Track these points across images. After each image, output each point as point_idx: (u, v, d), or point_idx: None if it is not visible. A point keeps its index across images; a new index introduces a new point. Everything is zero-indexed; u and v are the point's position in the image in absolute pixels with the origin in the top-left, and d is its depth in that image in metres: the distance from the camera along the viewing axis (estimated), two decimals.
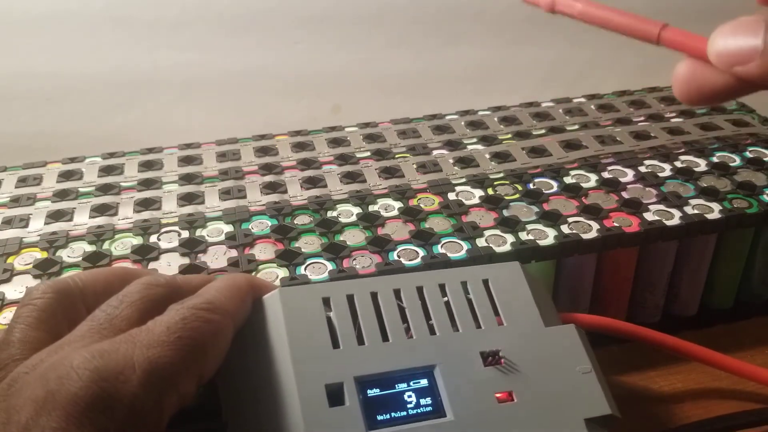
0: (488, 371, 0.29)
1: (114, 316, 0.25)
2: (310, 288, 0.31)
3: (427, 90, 0.63)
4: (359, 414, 0.27)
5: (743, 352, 0.42)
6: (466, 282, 0.32)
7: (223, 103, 0.61)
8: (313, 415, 0.26)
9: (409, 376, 0.28)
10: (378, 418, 0.27)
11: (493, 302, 0.31)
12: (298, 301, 0.30)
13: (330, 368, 0.28)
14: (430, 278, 0.32)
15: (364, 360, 0.28)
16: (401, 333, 0.30)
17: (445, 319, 0.30)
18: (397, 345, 0.29)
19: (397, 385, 0.28)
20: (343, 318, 0.30)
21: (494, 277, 0.32)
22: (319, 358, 0.28)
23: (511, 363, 0.29)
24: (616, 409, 0.29)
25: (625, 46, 0.65)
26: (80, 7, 0.55)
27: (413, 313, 0.30)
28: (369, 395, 0.27)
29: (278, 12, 0.59)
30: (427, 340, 0.30)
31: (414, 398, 0.28)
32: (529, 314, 0.31)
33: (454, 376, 0.29)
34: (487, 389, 0.28)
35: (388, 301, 0.31)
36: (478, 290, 0.32)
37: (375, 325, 0.30)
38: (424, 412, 0.28)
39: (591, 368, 0.30)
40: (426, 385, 0.28)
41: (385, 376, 0.28)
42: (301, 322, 0.29)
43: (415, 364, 0.29)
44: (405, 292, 0.31)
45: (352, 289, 0.31)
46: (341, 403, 0.27)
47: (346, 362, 0.28)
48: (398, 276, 0.32)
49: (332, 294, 0.30)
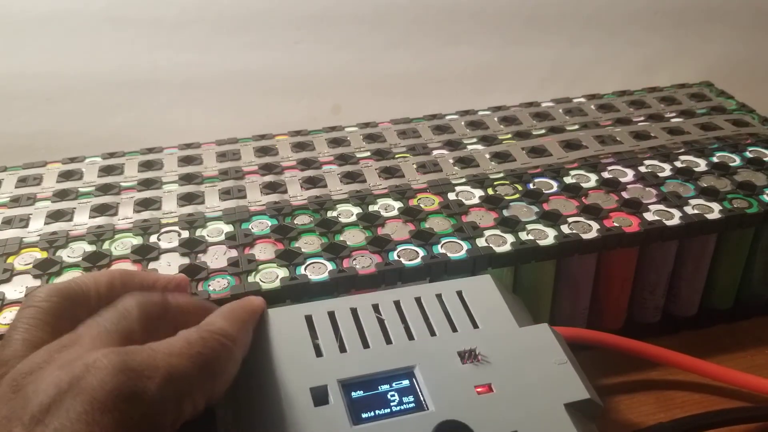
0: (466, 368, 0.30)
1: (118, 325, 0.26)
2: (294, 308, 0.33)
3: (427, 90, 0.63)
4: (344, 411, 0.28)
5: (743, 352, 0.42)
6: (441, 294, 0.34)
7: (223, 103, 0.61)
8: (297, 414, 0.28)
9: (391, 378, 0.30)
10: (363, 415, 0.28)
11: (467, 309, 0.33)
12: (282, 320, 0.32)
13: (314, 374, 0.30)
14: (406, 293, 0.34)
15: (347, 365, 0.30)
16: (381, 340, 0.31)
17: (422, 325, 0.32)
18: (377, 351, 0.31)
19: (380, 386, 0.30)
20: (326, 331, 0.32)
21: (467, 288, 0.34)
22: (303, 366, 0.30)
23: (488, 359, 0.31)
24: (596, 396, 0.30)
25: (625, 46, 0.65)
26: (80, 7, 0.55)
27: (392, 322, 0.32)
28: (353, 396, 0.29)
29: (278, 12, 0.59)
30: (406, 345, 0.31)
31: (397, 397, 0.29)
32: (502, 317, 0.33)
33: (433, 374, 0.30)
34: (467, 383, 0.30)
35: (367, 314, 0.33)
36: (453, 300, 0.34)
37: (356, 335, 0.32)
38: (407, 408, 0.29)
39: (567, 360, 0.31)
40: (407, 384, 0.30)
41: (367, 378, 0.30)
42: (285, 337, 0.31)
43: (396, 365, 0.30)
44: (383, 305, 0.33)
45: (333, 306, 0.33)
46: (326, 402, 0.29)
47: (330, 368, 0.30)
48: (376, 293, 0.34)
49: (314, 312, 0.33)
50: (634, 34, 0.65)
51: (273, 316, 0.32)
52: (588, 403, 0.30)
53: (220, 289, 0.35)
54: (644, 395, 0.39)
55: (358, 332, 0.32)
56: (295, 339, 0.31)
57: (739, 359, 0.41)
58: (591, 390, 0.30)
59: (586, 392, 0.30)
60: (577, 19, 0.64)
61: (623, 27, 0.65)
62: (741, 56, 0.68)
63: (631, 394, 0.39)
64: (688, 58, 0.67)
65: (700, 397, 0.39)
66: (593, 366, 0.35)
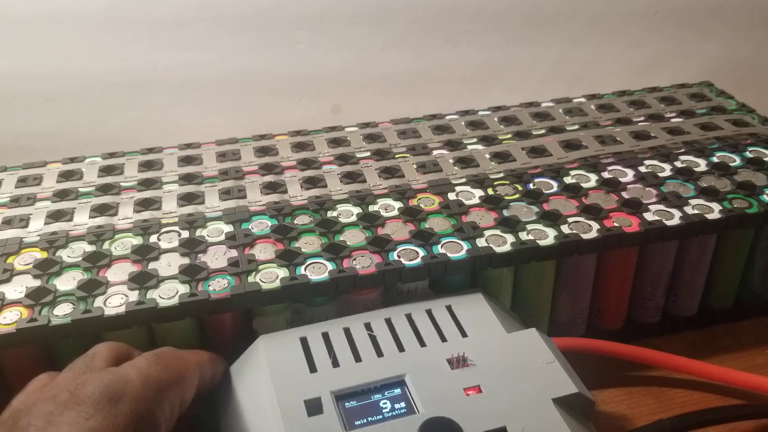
0: (456, 372, 0.31)
1: (91, 365, 0.29)
2: (289, 332, 0.34)
3: (427, 90, 0.63)
4: (337, 419, 0.29)
5: (743, 352, 0.42)
6: (430, 309, 0.35)
7: (223, 103, 0.61)
8: (292, 424, 0.29)
9: (383, 387, 0.31)
10: (356, 423, 0.29)
11: (456, 321, 0.34)
12: (277, 342, 0.33)
13: (308, 387, 0.31)
14: (397, 310, 0.35)
15: (340, 378, 0.31)
16: (372, 354, 0.33)
17: (412, 338, 0.33)
18: (369, 364, 0.32)
19: (373, 395, 0.30)
20: (319, 349, 0.33)
21: (456, 302, 0.36)
22: (298, 381, 0.31)
23: (477, 364, 0.32)
24: (586, 391, 0.31)
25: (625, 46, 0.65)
26: (80, 7, 0.55)
27: (383, 338, 0.33)
28: (347, 406, 0.30)
29: (278, 12, 0.59)
30: (397, 357, 0.32)
31: (389, 404, 0.30)
32: (491, 326, 0.34)
33: (423, 380, 0.31)
34: (456, 386, 0.31)
35: (359, 332, 0.34)
36: (442, 313, 0.35)
37: (348, 350, 0.33)
38: (399, 414, 0.30)
39: (554, 359, 0.32)
40: (399, 393, 0.31)
41: (359, 389, 0.31)
42: (280, 358, 0.32)
43: (387, 375, 0.31)
44: (374, 323, 0.34)
45: (327, 327, 0.34)
46: (319, 412, 0.29)
47: (323, 382, 0.31)
48: (367, 313, 0.35)
49: (308, 333, 0.34)
50: (634, 34, 0.65)
51: (268, 340, 0.34)
52: (578, 397, 0.30)
53: (220, 289, 0.35)
54: (644, 395, 0.39)
55: (351, 348, 0.33)
56: (289, 358, 0.32)
57: (739, 359, 0.41)
58: (580, 385, 0.31)
59: (574, 387, 0.30)
60: (577, 19, 0.64)
61: (623, 27, 0.65)
62: (741, 56, 0.68)
63: (630, 394, 0.39)
64: (688, 58, 0.67)
65: (699, 397, 0.39)
66: (592, 366, 0.35)
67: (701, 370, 0.38)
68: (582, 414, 0.30)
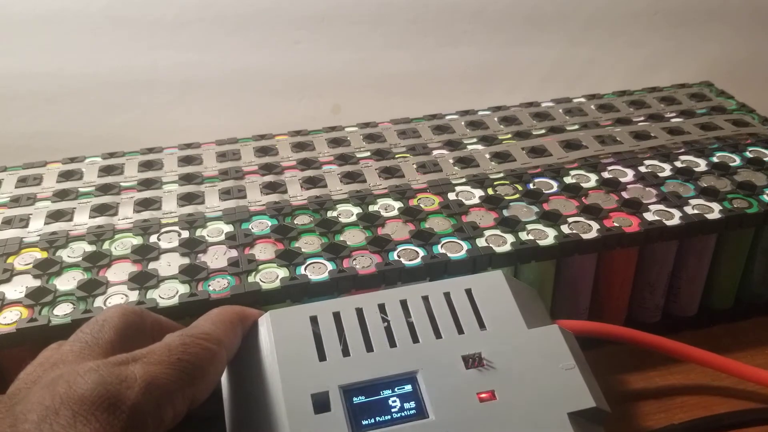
0: (470, 373, 0.30)
1: (99, 338, 0.27)
2: (299, 308, 0.32)
3: (427, 90, 0.63)
4: (344, 419, 0.28)
5: (743, 352, 0.42)
6: (449, 293, 0.33)
7: (223, 103, 0.61)
8: (298, 422, 0.28)
9: (393, 383, 0.30)
10: (363, 422, 0.28)
11: (476, 309, 0.33)
12: (286, 321, 0.32)
13: (316, 379, 0.29)
14: (413, 291, 0.33)
15: (349, 370, 0.30)
16: (385, 343, 0.31)
17: (427, 327, 0.32)
18: (380, 354, 0.31)
19: (382, 391, 0.29)
20: (330, 333, 0.31)
21: (477, 286, 0.34)
22: (305, 371, 0.30)
23: (493, 364, 0.30)
24: (604, 403, 0.30)
25: (625, 46, 0.65)
26: (80, 7, 0.55)
27: (397, 324, 0.32)
28: (354, 402, 0.29)
29: (278, 12, 0.59)
30: (410, 348, 0.31)
31: (398, 403, 0.29)
32: (512, 318, 0.32)
33: (436, 379, 0.30)
34: (469, 390, 0.29)
35: (372, 315, 0.32)
36: (461, 299, 0.33)
37: (360, 337, 0.31)
38: (408, 415, 0.29)
39: (574, 364, 0.31)
40: (410, 390, 0.29)
41: (368, 384, 0.29)
42: (289, 340, 0.31)
43: (398, 371, 0.30)
44: (389, 305, 0.33)
45: (339, 306, 0.32)
46: (327, 410, 0.28)
47: (332, 373, 0.30)
48: (383, 292, 0.34)
49: (319, 312, 0.32)
50: (634, 34, 0.65)
51: (277, 317, 0.32)
52: (594, 410, 0.29)
53: (220, 289, 0.35)
54: (643, 394, 0.39)
55: (363, 335, 0.31)
56: (298, 342, 0.31)
57: (739, 359, 0.41)
58: (598, 395, 0.30)
59: (592, 401, 0.29)
60: (577, 19, 0.64)
61: (623, 27, 0.65)
62: (741, 56, 0.68)
63: (630, 394, 0.39)
64: (688, 58, 0.67)
65: (699, 398, 0.39)
66: (591, 366, 0.35)
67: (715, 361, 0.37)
68: (595, 421, 0.30)
